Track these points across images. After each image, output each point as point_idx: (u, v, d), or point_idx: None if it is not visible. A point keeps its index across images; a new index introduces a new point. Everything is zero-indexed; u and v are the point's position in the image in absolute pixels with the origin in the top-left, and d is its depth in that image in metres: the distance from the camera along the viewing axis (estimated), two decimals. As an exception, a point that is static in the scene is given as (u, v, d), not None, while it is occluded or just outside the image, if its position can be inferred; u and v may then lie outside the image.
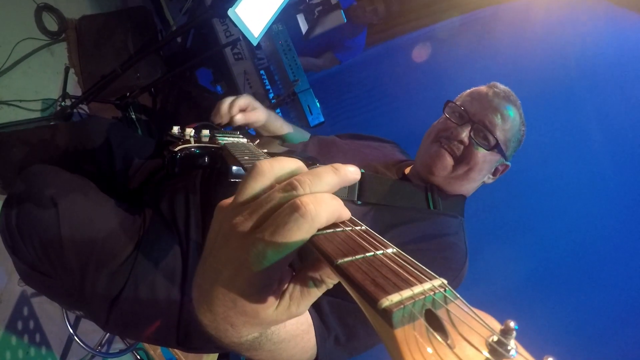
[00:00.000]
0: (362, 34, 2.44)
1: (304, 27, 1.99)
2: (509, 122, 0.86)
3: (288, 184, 0.30)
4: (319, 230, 0.32)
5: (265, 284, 0.30)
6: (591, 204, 1.74)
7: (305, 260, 0.38)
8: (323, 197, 0.30)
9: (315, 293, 0.34)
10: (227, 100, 0.88)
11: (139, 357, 1.66)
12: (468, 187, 0.91)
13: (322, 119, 1.87)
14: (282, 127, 1.07)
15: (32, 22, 1.66)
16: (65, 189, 0.78)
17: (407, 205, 0.82)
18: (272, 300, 0.32)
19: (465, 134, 0.85)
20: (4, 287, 1.26)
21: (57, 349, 1.42)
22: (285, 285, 0.33)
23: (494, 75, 0.94)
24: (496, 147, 0.85)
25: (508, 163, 0.92)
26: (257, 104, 0.94)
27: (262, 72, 1.86)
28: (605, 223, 1.70)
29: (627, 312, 1.58)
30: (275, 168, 0.32)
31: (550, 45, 1.94)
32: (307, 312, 0.58)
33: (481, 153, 0.85)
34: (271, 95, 1.86)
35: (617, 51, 1.85)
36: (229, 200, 0.32)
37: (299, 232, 0.28)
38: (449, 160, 0.86)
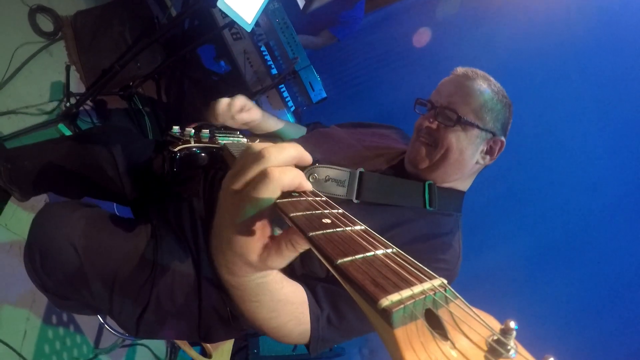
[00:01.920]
0: (359, 7, 2.35)
1: (301, 1, 1.92)
2: (472, 95, 0.85)
3: (259, 153, 0.39)
4: (316, 229, 0.33)
5: (248, 230, 0.41)
6: (594, 201, 1.70)
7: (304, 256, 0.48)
8: (287, 167, 0.39)
9: (287, 254, 0.41)
10: (224, 101, 0.89)
11: (169, 339, 1.76)
12: (459, 172, 0.88)
13: (324, 95, 1.84)
14: (276, 124, 1.08)
15: (27, 25, 1.64)
16: (80, 227, 0.82)
17: (404, 204, 0.83)
18: (254, 246, 0.42)
19: (431, 121, 0.87)
20: (35, 287, 1.32)
21: (91, 337, 1.52)
22: (266, 243, 0.43)
23: (495, 38, 0.90)
24: (460, 121, 0.83)
25: (501, 138, 0.87)
26: (251, 104, 0.95)
27: (262, 48, 1.82)
28: (607, 222, 1.67)
29: (627, 312, 1.57)
30: (259, 147, 0.41)
31: (555, 14, 1.83)
32: (304, 291, 0.67)
33: (451, 132, 0.84)
34: (273, 73, 1.84)
35: (624, 32, 1.74)
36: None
37: (267, 190, 0.37)
38: (424, 150, 0.87)
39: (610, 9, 1.78)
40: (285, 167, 0.39)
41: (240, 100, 0.92)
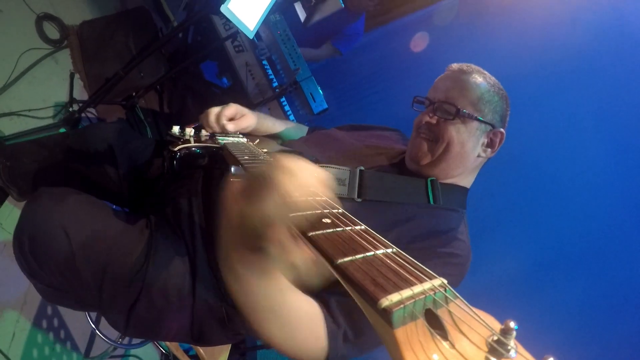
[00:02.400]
0: (360, 21, 2.40)
1: (302, 15, 1.96)
2: (469, 88, 0.86)
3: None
4: (316, 229, 0.34)
5: None
6: (595, 203, 1.70)
7: None
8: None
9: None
10: (213, 112, 0.87)
11: (160, 346, 1.72)
12: (461, 165, 0.87)
13: (325, 106, 1.86)
14: (274, 126, 1.06)
15: (34, 32, 1.67)
16: (73, 212, 0.80)
17: (407, 201, 0.82)
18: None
19: (430, 116, 0.88)
20: (27, 288, 1.30)
21: (81, 344, 1.48)
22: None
23: (494, 53, 0.92)
24: (459, 113, 0.84)
25: (501, 130, 0.87)
26: (245, 110, 0.93)
27: (264, 62, 1.85)
28: (608, 223, 1.66)
29: (627, 312, 1.56)
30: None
31: (553, 22, 1.87)
32: (317, 305, 0.63)
33: (451, 125, 0.85)
34: (275, 85, 1.86)
35: (623, 30, 1.78)
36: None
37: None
38: (425, 145, 0.88)
39: (610, 12, 1.81)
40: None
41: (230, 110, 0.89)
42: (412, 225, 0.78)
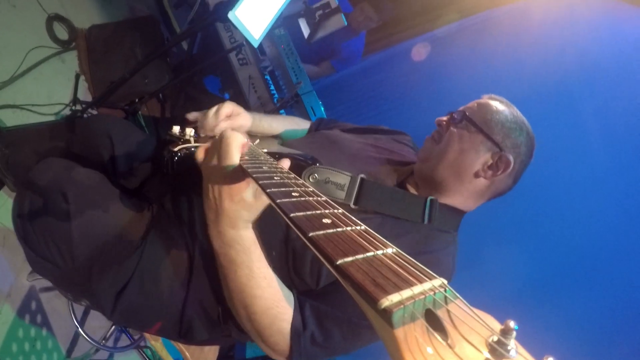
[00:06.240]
0: (360, 42, 2.46)
1: (306, 31, 2.00)
2: (488, 108, 0.86)
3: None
4: (316, 229, 0.34)
5: (234, 175, 0.57)
6: (593, 204, 1.71)
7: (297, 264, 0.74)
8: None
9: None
10: (212, 112, 0.86)
11: (143, 353, 1.67)
12: (458, 179, 0.84)
13: (325, 119, 1.88)
14: (270, 127, 1.05)
15: (44, 31, 1.70)
16: (78, 184, 0.80)
17: (402, 217, 0.80)
18: (244, 184, 0.57)
19: (443, 118, 0.90)
20: (13, 282, 1.28)
21: (63, 343, 1.44)
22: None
23: (494, 77, 0.94)
24: (466, 118, 0.84)
25: (508, 156, 0.81)
26: (240, 109, 0.92)
27: (267, 76, 1.88)
28: (606, 223, 1.67)
29: (627, 311, 1.55)
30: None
31: (549, 45, 1.92)
32: (293, 297, 0.73)
33: (456, 129, 0.86)
34: (276, 98, 1.88)
35: (617, 49, 1.83)
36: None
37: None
38: (429, 144, 0.91)
39: (611, 23, 1.87)
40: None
41: (227, 108, 0.88)
42: (402, 242, 0.76)
